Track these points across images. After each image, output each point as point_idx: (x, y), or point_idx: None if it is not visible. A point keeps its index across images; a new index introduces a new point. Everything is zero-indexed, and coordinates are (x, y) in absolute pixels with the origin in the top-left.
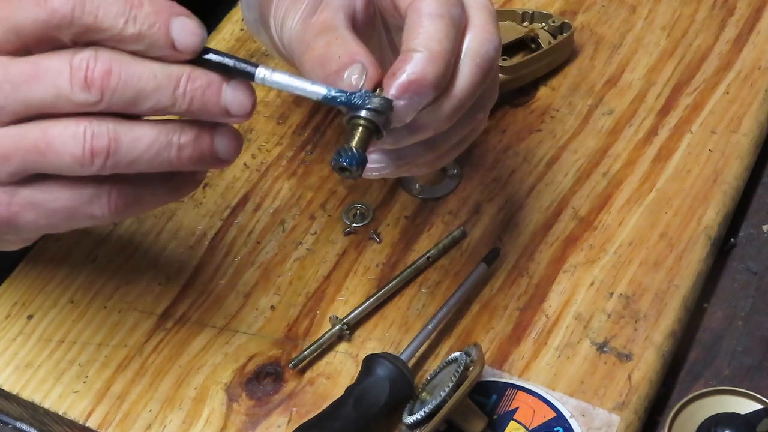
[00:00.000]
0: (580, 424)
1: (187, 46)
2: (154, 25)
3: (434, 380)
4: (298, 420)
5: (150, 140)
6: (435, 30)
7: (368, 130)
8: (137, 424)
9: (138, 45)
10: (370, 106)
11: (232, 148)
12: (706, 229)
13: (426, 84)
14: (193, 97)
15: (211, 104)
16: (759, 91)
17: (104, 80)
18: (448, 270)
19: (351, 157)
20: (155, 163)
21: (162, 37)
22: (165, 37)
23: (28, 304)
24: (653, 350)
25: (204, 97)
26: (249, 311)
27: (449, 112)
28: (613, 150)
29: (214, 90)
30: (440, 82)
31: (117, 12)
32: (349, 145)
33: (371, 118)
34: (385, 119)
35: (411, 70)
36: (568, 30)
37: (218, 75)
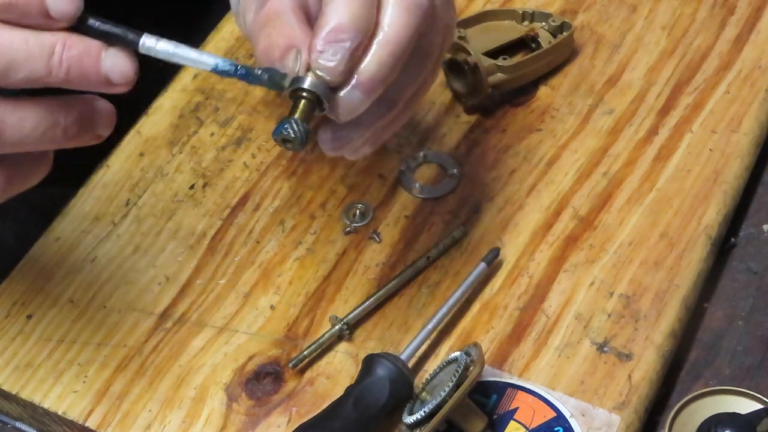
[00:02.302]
0: (580, 424)
1: (64, 13)
2: (85, 56)
3: (434, 380)
4: (297, 420)
5: (35, 122)
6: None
7: (310, 102)
8: (137, 424)
9: (9, 14)
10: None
11: (110, 122)
12: (707, 228)
13: (345, 28)
14: (70, 66)
15: (89, 72)
16: (759, 91)
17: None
18: (448, 270)
19: (293, 129)
20: (41, 144)
21: (35, 5)
22: (38, 5)
23: (28, 303)
24: (653, 350)
25: (82, 64)
26: (249, 311)
27: (388, 57)
28: (613, 150)
29: (92, 57)
30: (360, 24)
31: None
32: (292, 117)
33: (312, 89)
34: (328, 92)
35: (326, 21)
36: (568, 29)
37: (98, 42)
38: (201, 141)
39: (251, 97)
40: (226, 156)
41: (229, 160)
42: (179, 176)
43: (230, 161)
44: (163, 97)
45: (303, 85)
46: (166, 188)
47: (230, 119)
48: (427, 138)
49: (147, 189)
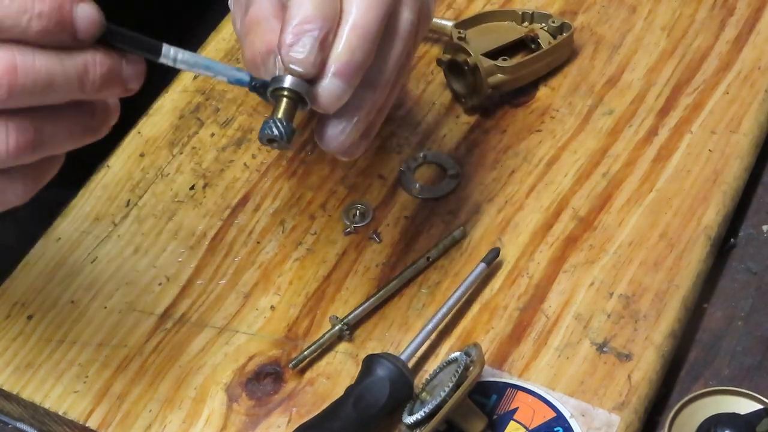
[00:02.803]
0: (580, 424)
1: (92, 35)
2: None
3: (434, 380)
4: (298, 420)
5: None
6: None
7: (292, 100)
8: (137, 424)
9: (43, 40)
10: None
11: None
12: (706, 229)
13: (310, 18)
14: (102, 82)
15: (115, 84)
16: (759, 91)
17: (10, 77)
18: (448, 270)
19: (275, 126)
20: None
21: (67, 31)
22: (70, 30)
23: (28, 304)
24: (653, 350)
25: (110, 79)
26: (249, 311)
27: (359, 41)
28: (613, 150)
29: (117, 72)
30: (325, 12)
31: (19, 9)
32: (274, 116)
33: (293, 87)
34: (307, 88)
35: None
36: (568, 30)
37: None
38: (201, 141)
39: (251, 97)
40: (226, 156)
41: (229, 160)
42: (180, 177)
43: (231, 162)
44: (163, 97)
45: (282, 84)
46: (166, 189)
47: (230, 120)
48: (427, 138)
49: (147, 189)
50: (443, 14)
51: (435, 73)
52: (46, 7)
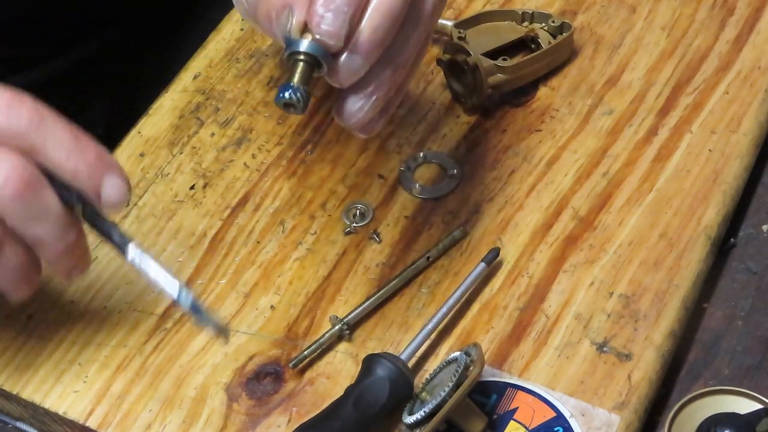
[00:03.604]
0: (580, 424)
1: (112, 204)
2: (91, 173)
3: (434, 380)
4: (298, 420)
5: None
6: None
7: (308, 64)
8: (137, 424)
9: (68, 179)
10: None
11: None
12: (706, 229)
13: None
14: (68, 247)
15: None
16: (759, 91)
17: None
18: (448, 270)
19: (293, 91)
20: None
21: (92, 188)
22: (94, 189)
23: (29, 304)
24: (653, 350)
25: (74, 252)
26: (249, 311)
27: (383, 20)
28: (613, 150)
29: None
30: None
31: (64, 146)
32: (291, 81)
33: (310, 51)
34: (323, 52)
35: None
36: (568, 30)
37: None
38: (201, 141)
39: (251, 97)
40: (226, 156)
41: (229, 160)
42: (180, 177)
43: (230, 161)
44: (163, 97)
45: (299, 48)
46: (166, 189)
47: (230, 120)
48: (427, 138)
49: (147, 189)
50: (443, 14)
51: (435, 73)
52: (86, 157)
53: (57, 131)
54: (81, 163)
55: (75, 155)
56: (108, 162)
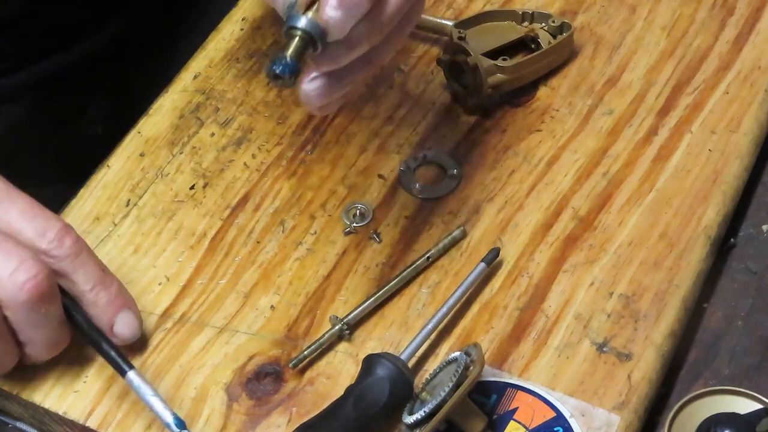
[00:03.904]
0: (580, 424)
1: (122, 339)
2: (109, 307)
3: (434, 380)
4: (298, 420)
5: None
6: None
7: (304, 40)
8: (137, 424)
9: (86, 306)
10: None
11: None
12: (706, 229)
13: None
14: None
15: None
16: (759, 91)
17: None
18: (448, 270)
19: (285, 65)
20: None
21: (106, 320)
22: (109, 321)
23: None
24: (653, 350)
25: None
26: (249, 311)
27: (383, 25)
28: (613, 150)
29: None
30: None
31: (91, 278)
32: (284, 54)
33: (308, 29)
34: (321, 30)
35: None
36: (568, 30)
37: None
38: (201, 141)
39: (251, 97)
40: (226, 156)
41: (229, 160)
42: (180, 176)
43: (231, 161)
44: (163, 97)
45: (299, 24)
46: (166, 188)
47: (230, 119)
48: (427, 138)
49: (147, 189)
50: (443, 14)
51: (435, 73)
52: (107, 293)
53: (89, 263)
54: (102, 297)
55: (98, 289)
56: (125, 299)
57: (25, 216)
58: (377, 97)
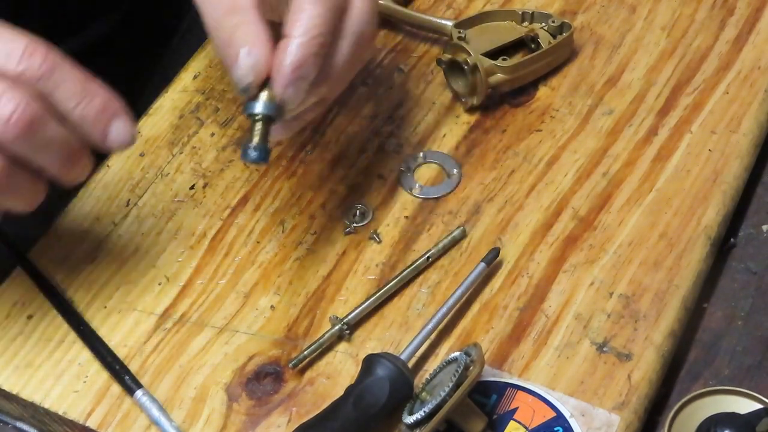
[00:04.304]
0: (580, 424)
1: (118, 146)
2: (97, 120)
3: (434, 380)
4: (298, 420)
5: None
6: (315, 15)
7: (265, 123)
8: (137, 424)
9: (75, 124)
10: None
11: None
12: (706, 229)
13: (306, 73)
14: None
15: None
16: (759, 91)
17: (20, 125)
18: (448, 270)
19: (258, 152)
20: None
21: (97, 134)
22: (101, 134)
23: (28, 304)
24: (653, 350)
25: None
26: (249, 311)
27: (335, 84)
28: (613, 150)
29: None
30: (319, 63)
31: (73, 93)
32: (254, 142)
33: (266, 112)
34: (278, 108)
35: (291, 60)
36: (568, 30)
37: None
38: (201, 141)
39: None
40: (226, 156)
41: (229, 160)
42: (180, 176)
43: (230, 161)
44: (163, 97)
45: (257, 111)
46: (166, 188)
47: (230, 119)
48: (427, 138)
49: (147, 189)
50: (443, 14)
51: (435, 73)
52: (92, 104)
53: (67, 79)
54: (89, 110)
55: (83, 104)
56: (114, 107)
57: None
58: (377, 97)
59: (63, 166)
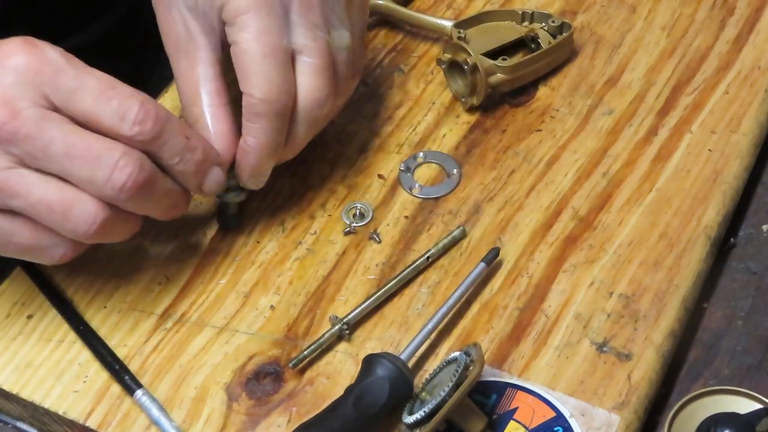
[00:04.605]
0: (579, 424)
1: (209, 192)
2: (197, 172)
3: (434, 380)
4: (297, 420)
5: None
6: (262, 128)
7: (237, 202)
8: (137, 423)
9: (175, 175)
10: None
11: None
12: (706, 229)
13: (264, 170)
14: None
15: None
16: (759, 91)
17: (133, 190)
18: (448, 270)
19: (235, 224)
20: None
21: (195, 184)
22: (197, 184)
23: (28, 304)
24: (653, 350)
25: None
26: (249, 311)
27: (293, 154)
28: (613, 150)
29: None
30: (276, 156)
31: (177, 151)
32: (229, 217)
33: (236, 197)
34: (243, 194)
35: (249, 164)
36: (568, 30)
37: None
38: None
39: None
40: None
41: None
42: None
43: None
44: (163, 97)
45: (227, 199)
46: None
47: None
48: (427, 138)
49: None
50: (443, 14)
51: (435, 73)
52: (193, 158)
53: (174, 136)
54: (189, 165)
55: (185, 160)
56: (210, 158)
57: (99, 100)
58: (377, 97)
59: (163, 213)
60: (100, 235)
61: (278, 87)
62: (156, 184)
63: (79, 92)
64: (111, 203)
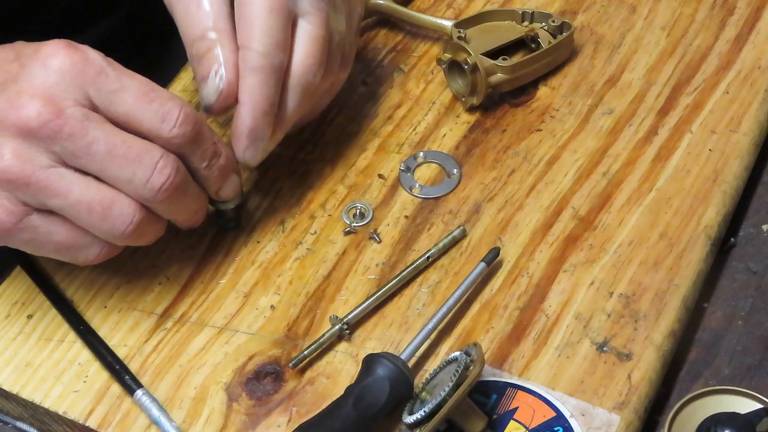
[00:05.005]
0: (580, 424)
1: (225, 198)
2: (219, 178)
3: (434, 380)
4: (298, 420)
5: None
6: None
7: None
8: (137, 423)
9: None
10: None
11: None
12: (706, 228)
13: (261, 134)
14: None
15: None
16: (759, 91)
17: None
18: (448, 270)
19: (233, 227)
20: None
21: (215, 189)
22: (216, 189)
23: (28, 303)
24: (653, 350)
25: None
26: (249, 311)
27: (284, 130)
28: (613, 150)
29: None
30: (271, 121)
31: (206, 156)
32: (226, 221)
33: (233, 208)
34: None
35: (245, 126)
36: (568, 30)
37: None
38: None
39: None
40: None
41: None
42: None
43: None
44: None
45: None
46: None
47: (231, 119)
48: (427, 138)
49: None
50: (443, 14)
51: (435, 72)
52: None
53: (205, 141)
54: (214, 170)
55: (212, 164)
56: (232, 166)
57: (140, 102)
58: (377, 96)
59: (187, 218)
60: (134, 236)
61: (278, 43)
62: (188, 188)
63: (120, 94)
64: (145, 205)
